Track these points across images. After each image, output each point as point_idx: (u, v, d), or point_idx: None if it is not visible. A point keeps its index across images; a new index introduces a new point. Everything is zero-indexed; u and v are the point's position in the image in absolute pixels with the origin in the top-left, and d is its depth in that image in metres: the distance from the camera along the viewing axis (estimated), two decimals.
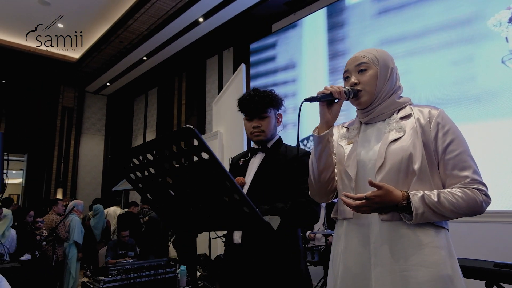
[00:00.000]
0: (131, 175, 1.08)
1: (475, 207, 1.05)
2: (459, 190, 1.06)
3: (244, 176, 1.67)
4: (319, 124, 1.23)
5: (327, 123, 1.20)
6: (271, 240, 1.51)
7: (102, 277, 3.37)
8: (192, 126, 0.77)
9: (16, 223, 4.68)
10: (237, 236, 1.59)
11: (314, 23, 5.77)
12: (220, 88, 7.50)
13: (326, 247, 3.76)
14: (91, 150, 10.31)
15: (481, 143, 3.42)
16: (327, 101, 1.19)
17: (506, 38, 3.47)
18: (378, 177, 1.11)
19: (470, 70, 3.69)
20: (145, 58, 8.18)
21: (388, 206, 1.04)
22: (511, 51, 3.42)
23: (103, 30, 7.49)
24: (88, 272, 3.92)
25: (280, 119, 1.78)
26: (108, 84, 9.84)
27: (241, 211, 0.89)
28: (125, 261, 4.08)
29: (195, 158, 0.86)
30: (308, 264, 3.78)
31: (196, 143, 0.81)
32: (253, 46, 6.94)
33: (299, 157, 1.61)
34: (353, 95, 1.20)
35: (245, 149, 4.64)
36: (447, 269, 1.03)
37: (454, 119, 1.16)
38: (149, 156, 0.91)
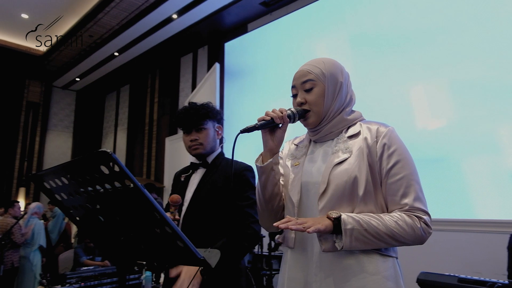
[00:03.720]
0: (57, 196, 0.94)
1: (413, 234, 0.99)
2: (397, 215, 1.00)
3: (184, 192, 1.59)
4: (263, 151, 1.14)
5: (271, 151, 1.12)
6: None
7: (59, 286, 3.17)
8: (109, 151, 0.65)
9: None
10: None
11: (291, 23, 5.71)
12: (194, 87, 7.34)
13: None
14: (58, 148, 9.87)
15: None
16: (270, 127, 1.09)
17: None
18: (320, 203, 1.04)
19: None
20: (116, 53, 7.89)
21: (320, 221, 0.95)
22: None
23: (72, 23, 7.16)
24: (44, 280, 3.69)
25: (220, 132, 1.72)
26: (77, 79, 9.45)
27: (174, 244, 0.77)
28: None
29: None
30: (274, 272, 3.70)
31: (116, 168, 0.69)
32: (228, 45, 6.83)
33: (239, 173, 1.56)
34: (299, 116, 1.12)
35: None
36: None
37: None
38: (64, 180, 0.78)
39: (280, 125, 1.11)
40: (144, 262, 3.80)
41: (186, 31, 6.92)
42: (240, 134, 1.03)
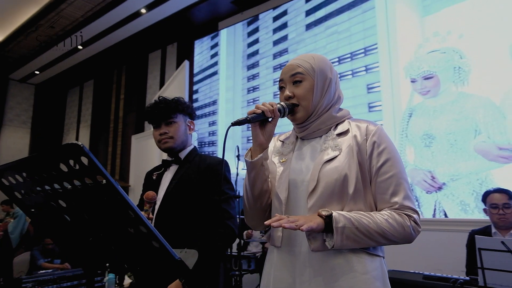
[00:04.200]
0: (16, 193, 0.86)
1: (403, 233, 0.99)
2: (387, 213, 1.00)
3: (157, 190, 1.54)
4: (252, 146, 1.11)
5: (261, 145, 1.09)
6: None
7: None
8: (80, 143, 0.59)
9: None
10: None
11: (262, 23, 5.71)
12: (162, 84, 7.18)
13: (262, 254, 3.69)
14: (15, 144, 9.31)
15: None
16: (260, 121, 1.07)
17: None
18: (310, 201, 1.02)
19: None
20: (80, 47, 7.55)
21: (311, 219, 0.94)
22: None
23: (32, 12, 6.77)
24: None
25: (192, 127, 1.68)
26: (37, 72, 8.95)
27: (149, 245, 0.73)
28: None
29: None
30: (244, 272, 3.68)
31: (87, 163, 0.63)
32: (198, 43, 6.73)
33: (212, 167, 1.53)
34: (288, 111, 1.10)
35: None
36: None
37: None
38: (27, 176, 0.71)
39: (270, 119, 1.08)
40: (107, 264, 3.68)
41: (155, 27, 6.73)
42: (232, 126, 1.00)
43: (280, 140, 1.25)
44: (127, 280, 3.05)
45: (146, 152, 6.57)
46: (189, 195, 1.48)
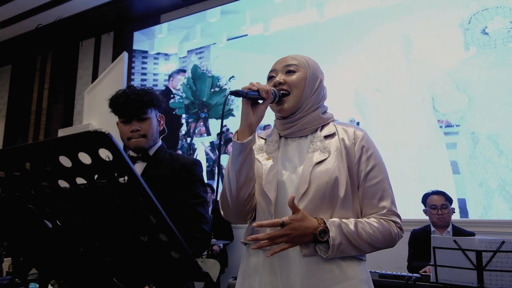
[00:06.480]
0: None
1: (389, 240, 1.03)
2: (376, 220, 1.03)
3: None
4: (239, 127, 1.04)
5: (250, 126, 1.03)
6: None
7: None
8: (106, 131, 0.47)
9: None
10: None
11: (208, 19, 5.59)
12: (95, 75, 6.63)
13: (207, 256, 3.58)
14: None
15: None
16: (252, 99, 1.03)
17: None
18: (301, 204, 1.00)
19: None
20: None
21: (305, 234, 0.93)
22: None
23: None
24: None
25: (162, 122, 1.57)
26: None
27: (165, 256, 0.61)
28: None
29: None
30: None
31: (106, 156, 0.50)
32: (138, 34, 6.36)
33: (187, 168, 1.45)
34: (278, 98, 1.07)
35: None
36: None
37: None
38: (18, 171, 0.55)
39: (262, 101, 1.04)
40: (30, 272, 3.29)
41: (89, 13, 6.19)
42: (230, 95, 0.98)
43: (261, 137, 1.20)
44: None
45: None
46: (162, 197, 1.35)
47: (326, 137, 1.09)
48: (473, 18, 3.41)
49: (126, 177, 0.54)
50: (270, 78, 1.14)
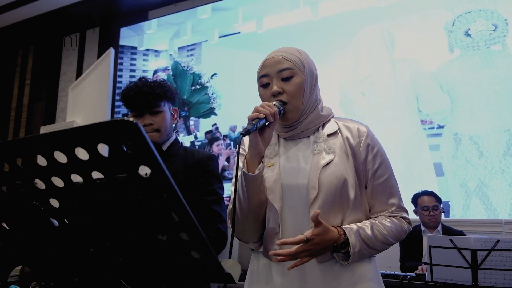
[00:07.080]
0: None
1: (400, 236, 1.05)
2: (388, 220, 1.03)
3: None
4: (247, 154, 0.99)
5: (259, 154, 0.98)
6: None
7: None
8: (135, 121, 0.43)
9: None
10: None
11: (195, 16, 5.52)
12: (79, 71, 6.47)
13: None
14: None
15: None
16: (261, 127, 0.97)
17: None
18: (312, 211, 0.97)
19: None
20: None
21: (326, 246, 0.92)
22: None
23: None
24: None
25: (175, 115, 1.51)
26: None
27: (185, 256, 0.57)
28: None
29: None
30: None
31: (131, 148, 0.46)
32: (126, 30, 6.23)
33: (202, 163, 1.38)
34: (283, 112, 1.02)
35: None
36: None
37: None
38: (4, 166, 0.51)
39: (268, 123, 0.97)
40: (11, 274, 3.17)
41: (74, 7, 6.04)
42: (243, 137, 0.94)
43: None
44: None
45: None
46: None
47: (329, 135, 1.06)
48: (457, 21, 3.47)
49: (147, 172, 0.50)
50: (264, 85, 1.05)
